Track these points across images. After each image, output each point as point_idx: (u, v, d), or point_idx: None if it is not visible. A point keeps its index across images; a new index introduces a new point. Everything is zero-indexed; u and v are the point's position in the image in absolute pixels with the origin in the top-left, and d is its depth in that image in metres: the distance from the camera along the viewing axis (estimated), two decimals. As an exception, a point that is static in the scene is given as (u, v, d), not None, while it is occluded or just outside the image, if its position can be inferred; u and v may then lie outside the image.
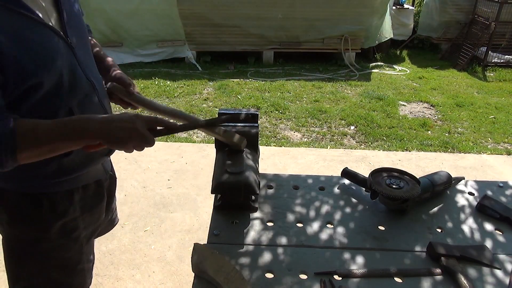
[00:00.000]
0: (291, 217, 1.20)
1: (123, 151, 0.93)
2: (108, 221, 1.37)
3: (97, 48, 1.28)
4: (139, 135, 0.91)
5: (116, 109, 3.59)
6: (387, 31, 6.32)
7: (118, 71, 1.22)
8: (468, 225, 1.20)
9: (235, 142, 1.18)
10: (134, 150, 0.94)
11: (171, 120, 1.06)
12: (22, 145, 0.84)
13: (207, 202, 2.76)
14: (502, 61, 6.28)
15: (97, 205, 1.20)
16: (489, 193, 1.34)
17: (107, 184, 1.26)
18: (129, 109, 1.25)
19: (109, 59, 1.29)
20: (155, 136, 0.95)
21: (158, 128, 0.97)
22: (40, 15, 0.90)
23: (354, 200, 1.30)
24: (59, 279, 1.17)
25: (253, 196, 1.24)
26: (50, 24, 0.93)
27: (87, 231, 1.18)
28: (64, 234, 1.11)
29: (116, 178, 1.36)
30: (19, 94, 0.88)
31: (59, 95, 0.95)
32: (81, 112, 1.01)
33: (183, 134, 3.85)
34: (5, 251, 1.13)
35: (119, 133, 0.89)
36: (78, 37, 1.03)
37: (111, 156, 1.27)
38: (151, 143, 0.93)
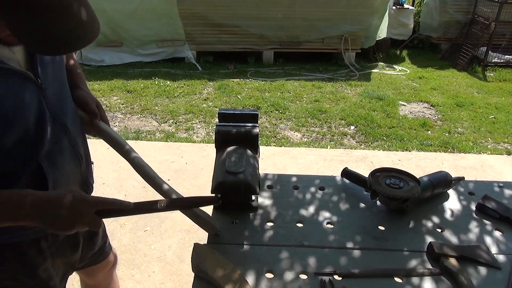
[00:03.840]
0: (291, 217, 1.20)
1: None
2: (94, 255, 1.30)
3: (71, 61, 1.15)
4: (84, 222, 0.82)
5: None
6: (382, 30, 6.32)
7: (83, 92, 1.10)
8: (468, 225, 1.20)
9: (206, 228, 1.09)
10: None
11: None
12: None
13: (207, 202, 2.75)
14: (502, 61, 6.28)
15: (70, 249, 1.13)
16: (489, 193, 1.34)
17: None
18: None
19: (77, 72, 1.15)
20: (104, 218, 0.87)
21: (107, 208, 0.86)
22: (7, 58, 0.80)
23: (354, 200, 1.30)
24: None
25: (253, 196, 1.24)
26: (18, 66, 0.83)
27: (59, 275, 1.11)
28: (39, 286, 1.03)
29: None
30: None
31: (23, 149, 0.86)
32: (50, 161, 0.92)
33: (183, 134, 3.85)
34: None
35: (61, 220, 0.80)
36: (51, 70, 0.93)
37: None
38: (97, 228, 0.85)
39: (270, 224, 1.17)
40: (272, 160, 3.34)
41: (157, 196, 1.03)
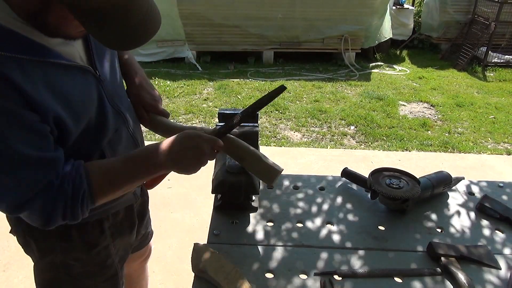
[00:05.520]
0: (291, 217, 1.20)
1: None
2: (141, 237, 1.35)
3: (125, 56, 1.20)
4: (206, 159, 0.92)
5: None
6: (387, 31, 6.32)
7: (137, 89, 1.15)
8: (468, 225, 1.20)
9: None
10: None
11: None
12: (99, 196, 0.84)
13: (207, 202, 2.75)
14: (502, 61, 6.28)
15: (128, 230, 1.17)
16: (489, 193, 1.34)
17: (137, 206, 1.22)
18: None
19: (134, 66, 1.23)
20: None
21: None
22: (70, 54, 0.83)
23: (354, 200, 1.30)
24: None
25: (253, 196, 1.24)
26: (80, 61, 0.86)
27: (119, 256, 1.15)
28: (97, 263, 1.08)
29: (148, 198, 1.32)
30: None
31: (88, 140, 0.90)
32: (111, 149, 0.96)
33: (183, 134, 3.84)
34: (36, 277, 1.08)
35: (189, 161, 0.89)
36: (106, 62, 0.96)
37: None
38: (211, 158, 0.94)
39: (270, 224, 1.17)
40: (272, 160, 3.33)
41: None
